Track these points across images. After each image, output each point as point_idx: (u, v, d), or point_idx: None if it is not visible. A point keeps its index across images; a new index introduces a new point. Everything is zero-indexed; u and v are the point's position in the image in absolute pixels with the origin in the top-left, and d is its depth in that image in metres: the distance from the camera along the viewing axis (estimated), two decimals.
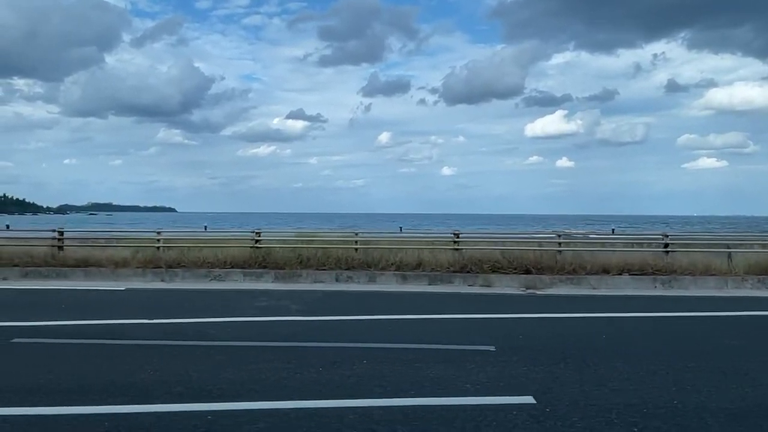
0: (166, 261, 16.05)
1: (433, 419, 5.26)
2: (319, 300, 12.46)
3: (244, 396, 5.86)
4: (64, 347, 7.94)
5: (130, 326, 9.47)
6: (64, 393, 5.93)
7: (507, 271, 15.34)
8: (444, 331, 9.57)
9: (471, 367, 7.06)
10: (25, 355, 7.49)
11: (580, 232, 35.73)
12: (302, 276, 15.52)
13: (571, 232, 32.76)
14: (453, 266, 15.54)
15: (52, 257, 16.44)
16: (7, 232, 21.01)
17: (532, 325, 10.09)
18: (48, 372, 6.66)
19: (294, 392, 6.00)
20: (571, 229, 49.04)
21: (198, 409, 5.45)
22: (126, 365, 7.01)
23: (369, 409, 5.50)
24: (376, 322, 10.17)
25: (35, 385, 6.15)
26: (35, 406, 5.50)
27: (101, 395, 5.85)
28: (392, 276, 15.39)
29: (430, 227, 63.59)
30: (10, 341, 8.16)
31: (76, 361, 7.19)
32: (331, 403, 5.67)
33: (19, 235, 19.93)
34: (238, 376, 6.56)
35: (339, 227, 52.49)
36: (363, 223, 79.20)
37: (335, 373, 6.74)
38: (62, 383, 6.25)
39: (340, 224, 76.54)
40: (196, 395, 5.88)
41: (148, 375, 6.59)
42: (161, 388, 6.09)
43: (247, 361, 7.24)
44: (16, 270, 15.96)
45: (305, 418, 5.25)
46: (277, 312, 10.89)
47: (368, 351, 7.79)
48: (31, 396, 5.81)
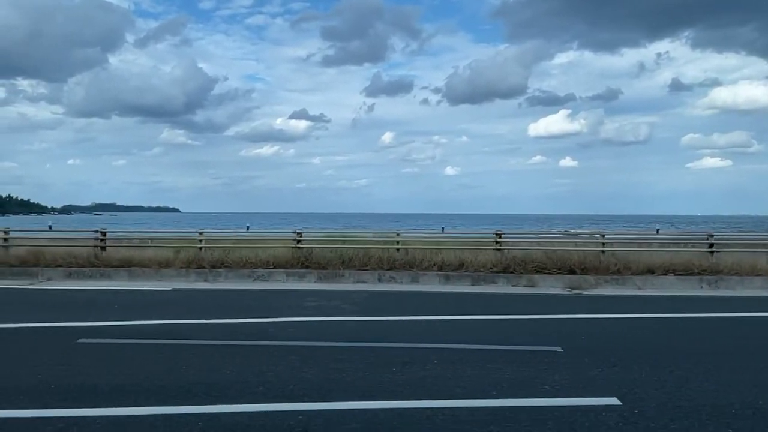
0: (209, 261, 16.12)
1: (524, 420, 5.23)
2: (368, 300, 12.45)
3: (327, 396, 5.86)
4: (133, 347, 7.99)
5: (191, 326, 9.52)
6: (148, 393, 5.96)
7: (551, 271, 15.27)
8: (503, 331, 9.53)
9: (543, 368, 7.02)
10: (96, 356, 7.52)
11: (586, 231, 35.59)
12: (345, 276, 15.53)
13: (577, 231, 32.72)
14: (496, 266, 15.49)
15: (95, 257, 16.56)
16: (49, 232, 21.18)
17: (590, 326, 10.03)
18: (126, 372, 6.70)
19: (375, 392, 5.99)
20: (577, 229, 49.04)
21: (287, 409, 5.46)
22: (201, 365, 7.04)
23: (455, 409, 5.48)
24: (432, 323, 10.15)
25: (117, 386, 6.19)
26: (124, 406, 5.53)
27: (186, 395, 5.87)
28: (435, 276, 15.37)
29: (469, 228, 63.15)
30: (76, 342, 8.20)
31: (149, 362, 7.21)
32: (416, 403, 5.65)
33: (60, 235, 20.13)
34: (316, 376, 6.56)
35: (343, 227, 52.61)
36: (367, 223, 79.41)
37: (410, 374, 6.73)
38: (143, 383, 6.28)
39: (344, 224, 76.68)
40: (280, 395, 5.89)
41: (227, 375, 6.61)
42: (243, 388, 6.11)
43: (320, 361, 7.24)
44: (60, 270, 16.10)
45: (396, 419, 5.25)
46: (331, 312, 10.89)
47: (436, 351, 7.77)
48: (117, 396, 5.85)
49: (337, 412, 5.41)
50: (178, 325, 9.58)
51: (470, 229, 39.96)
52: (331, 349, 7.92)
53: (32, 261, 16.36)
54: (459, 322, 10.30)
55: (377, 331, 9.30)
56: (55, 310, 11.11)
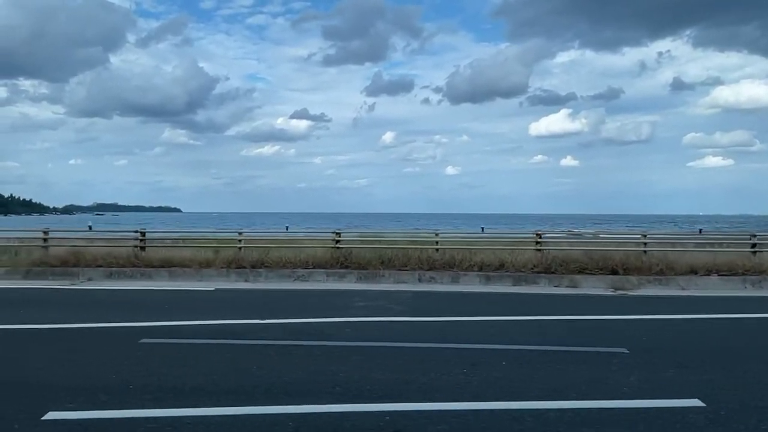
0: (249, 261, 16.16)
1: (614, 423, 5.20)
2: (414, 300, 12.43)
3: (404, 397, 5.85)
4: (196, 347, 8.01)
5: (247, 326, 9.54)
6: (228, 393, 5.97)
7: (593, 271, 15.19)
8: (561, 333, 9.47)
9: (615, 369, 6.98)
10: (164, 356, 7.53)
11: (590, 231, 35.42)
12: (384, 276, 15.52)
13: (581, 231, 32.54)
14: (537, 267, 15.42)
15: (135, 257, 16.64)
16: (87, 232, 21.31)
17: (648, 327, 9.94)
18: (201, 372, 6.72)
19: (453, 393, 5.98)
20: (580, 229, 48.87)
21: (370, 409, 5.46)
22: (271, 365, 7.05)
23: (540, 411, 5.45)
24: (487, 323, 10.12)
25: (196, 386, 6.21)
26: (207, 406, 5.54)
27: (266, 395, 5.89)
28: (475, 277, 15.33)
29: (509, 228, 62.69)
30: (139, 342, 8.24)
31: (219, 362, 7.22)
32: (498, 404, 5.63)
33: (99, 235, 20.26)
34: (387, 377, 6.55)
35: (347, 226, 52.53)
36: (369, 222, 79.38)
37: (482, 375, 6.71)
38: (220, 383, 6.30)
39: (347, 224, 76.61)
40: (357, 395, 5.89)
41: (300, 375, 6.62)
42: (319, 388, 6.11)
43: (386, 361, 7.25)
44: (101, 270, 16.21)
45: (483, 420, 5.22)
46: (381, 312, 10.88)
47: (501, 352, 7.76)
48: (199, 396, 5.87)
49: (421, 413, 5.39)
50: (234, 325, 9.60)
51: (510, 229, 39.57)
52: (394, 350, 7.91)
53: (72, 261, 16.48)
54: (513, 323, 10.26)
55: (433, 332, 9.28)
56: (108, 310, 11.16)
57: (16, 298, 12.76)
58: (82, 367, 6.95)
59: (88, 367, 6.96)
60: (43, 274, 16.09)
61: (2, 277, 16.12)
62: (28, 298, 12.77)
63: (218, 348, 7.98)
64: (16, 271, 16.28)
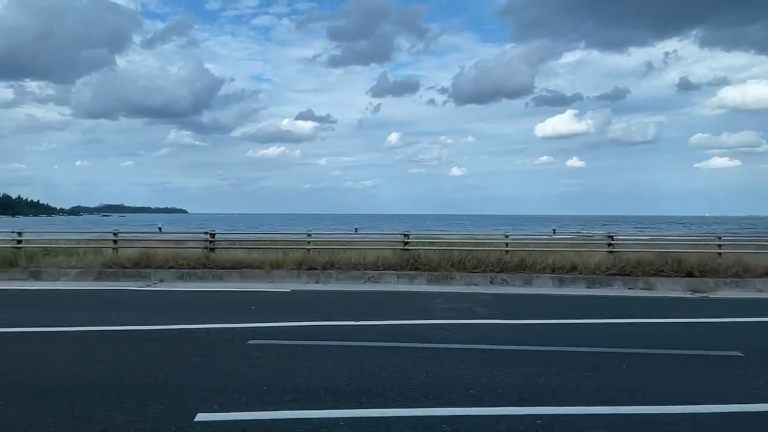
0: (320, 263, 16.21)
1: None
2: (495, 303, 12.37)
3: (542, 400, 5.84)
4: (307, 349, 8.03)
5: (344, 327, 9.57)
6: (360, 394, 5.99)
7: (668, 273, 15.00)
8: (663, 335, 9.39)
9: (740, 373, 6.92)
10: (280, 357, 7.55)
11: (598, 233, 35.01)
12: (455, 278, 15.49)
13: (592, 233, 32.19)
14: (610, 269, 15.26)
15: (206, 259, 16.78)
16: (157, 234, 21.57)
17: (750, 330, 9.80)
18: (326, 374, 6.76)
19: (592, 397, 5.95)
20: (589, 230, 48.34)
21: (514, 413, 5.44)
22: (390, 367, 7.05)
23: (696, 416, 5.39)
24: (582, 326, 10.01)
25: (331, 388, 6.24)
26: (349, 408, 5.57)
27: (402, 397, 5.91)
28: (549, 279, 15.23)
29: (581, 229, 62.11)
30: (247, 343, 8.29)
31: (336, 363, 7.24)
32: (645, 409, 5.59)
33: (167, 237, 20.50)
34: (514, 380, 6.52)
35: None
36: (376, 224, 79.09)
37: (609, 378, 6.68)
38: (351, 385, 6.32)
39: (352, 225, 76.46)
40: (493, 398, 5.89)
41: (425, 377, 6.62)
42: (453, 390, 6.12)
43: (504, 364, 7.24)
44: (172, 272, 16.36)
45: (634, 424, 5.17)
46: (468, 314, 10.86)
47: (616, 356, 7.73)
48: (337, 398, 5.90)
49: (569, 417, 5.36)
50: (331, 327, 9.63)
51: (586, 231, 39.27)
52: (504, 353, 7.89)
53: (144, 263, 16.66)
54: (609, 325, 10.17)
55: (533, 335, 9.21)
56: (199, 311, 11.25)
57: (101, 300, 12.91)
58: (207, 368, 7.00)
59: (212, 368, 7.00)
60: (114, 276, 16.28)
61: (74, 278, 16.35)
62: (112, 300, 12.90)
63: (328, 349, 7.99)
64: (89, 273, 16.49)
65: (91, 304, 12.41)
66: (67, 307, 11.86)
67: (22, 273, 16.63)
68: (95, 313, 10.89)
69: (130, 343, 8.32)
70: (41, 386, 6.17)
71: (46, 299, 13.07)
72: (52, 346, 8.17)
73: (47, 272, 16.61)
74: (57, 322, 9.70)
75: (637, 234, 26.79)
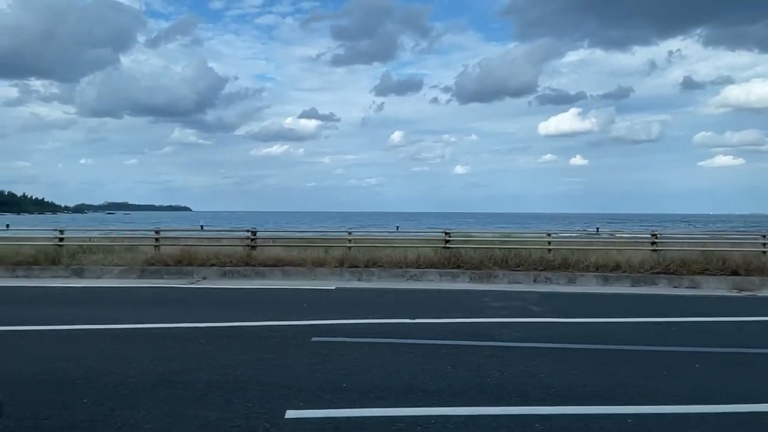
0: (363, 260, 16.24)
1: None
2: (544, 301, 12.31)
3: (627, 399, 5.83)
4: (373, 346, 8.04)
5: (401, 325, 9.59)
6: (441, 393, 6.00)
7: (713, 272, 14.89)
8: (723, 334, 9.33)
9: None
10: (347, 354, 7.58)
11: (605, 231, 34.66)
12: (498, 277, 15.46)
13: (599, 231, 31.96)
14: (655, 267, 15.17)
15: (248, 257, 16.86)
16: (202, 232, 21.72)
17: None
18: (401, 372, 6.77)
19: (674, 396, 5.93)
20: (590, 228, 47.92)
21: (605, 412, 5.42)
22: (462, 365, 7.06)
23: None
24: (639, 325, 9.99)
25: (407, 385, 6.27)
26: (436, 406, 5.60)
27: (482, 395, 5.93)
28: (593, 277, 15.17)
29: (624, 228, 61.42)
30: (311, 340, 8.32)
31: (408, 361, 7.26)
32: (739, 408, 5.55)
33: (208, 235, 20.63)
34: (592, 380, 6.52)
35: (358, 226, 52.23)
36: (381, 222, 78.87)
37: (687, 377, 6.68)
38: (430, 383, 6.35)
39: (358, 223, 76.22)
40: (577, 398, 5.87)
41: (500, 375, 6.63)
42: (532, 389, 6.12)
43: (575, 363, 7.26)
44: (214, 269, 16.45)
45: (739, 425, 5.13)
46: (521, 313, 10.85)
47: (684, 355, 7.74)
48: (417, 396, 5.93)
49: (660, 416, 5.37)
50: (389, 324, 9.65)
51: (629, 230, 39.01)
52: (571, 351, 7.89)
53: (186, 260, 16.75)
54: (666, 323, 10.09)
55: (592, 333, 9.20)
56: (252, 308, 11.34)
57: (151, 297, 13.01)
58: (281, 366, 7.04)
59: (286, 366, 7.04)
60: (157, 273, 16.39)
61: (117, 276, 16.48)
62: (162, 297, 13.03)
63: (395, 347, 8.01)
64: (131, 270, 16.61)
65: (142, 301, 12.51)
66: (118, 305, 11.96)
67: (65, 270, 16.78)
68: (148, 311, 10.96)
69: (194, 340, 8.36)
70: (122, 384, 6.21)
71: (95, 297, 13.18)
72: (119, 344, 8.22)
73: (90, 270, 16.75)
74: (115, 320, 9.76)
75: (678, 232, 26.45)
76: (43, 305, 11.85)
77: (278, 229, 25.60)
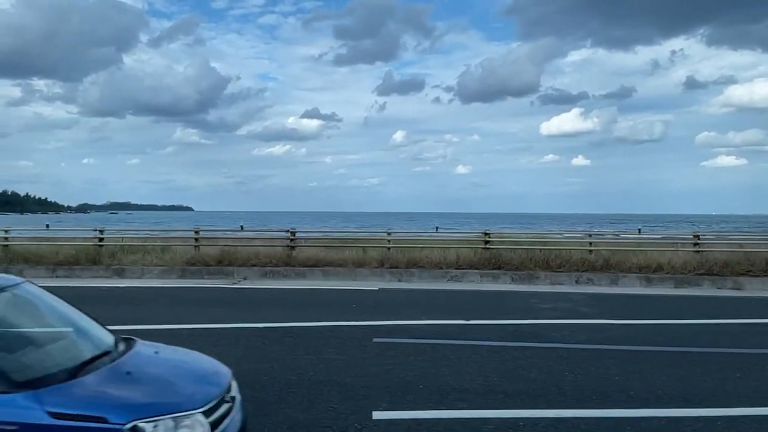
0: (403, 261, 16.27)
1: None
2: (592, 302, 12.26)
3: (708, 401, 5.83)
4: (435, 348, 8.08)
5: (458, 326, 9.62)
6: (522, 395, 6.03)
7: (756, 273, 14.80)
8: None
9: None
10: (412, 356, 7.62)
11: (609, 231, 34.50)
12: (540, 278, 15.43)
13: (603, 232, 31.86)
14: (698, 269, 15.08)
15: (288, 257, 16.93)
16: (238, 232, 21.86)
17: None
18: (472, 373, 6.80)
19: (753, 399, 5.91)
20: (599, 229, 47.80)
21: (688, 414, 5.46)
22: (537, 367, 7.07)
23: None
24: (699, 327, 9.93)
25: (487, 386, 6.31)
26: (526, 408, 5.63)
27: (567, 398, 5.95)
28: (635, 279, 15.10)
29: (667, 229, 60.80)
30: (373, 341, 8.36)
31: (477, 362, 7.29)
32: None
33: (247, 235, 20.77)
34: (668, 382, 6.54)
35: (362, 226, 52.19)
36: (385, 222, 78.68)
37: (765, 380, 6.63)
38: (505, 384, 6.39)
39: (360, 223, 76.05)
40: (659, 400, 5.88)
41: (576, 378, 6.64)
42: (613, 392, 6.16)
43: (643, 364, 7.26)
44: (255, 270, 16.52)
45: None
46: (572, 314, 10.86)
47: (753, 357, 7.73)
48: (498, 397, 5.96)
49: (748, 418, 5.38)
50: (446, 325, 9.68)
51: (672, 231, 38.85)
52: (636, 353, 7.89)
53: (226, 260, 16.84)
54: (724, 325, 10.04)
55: (651, 335, 9.17)
56: (301, 308, 11.37)
57: (198, 297, 13.10)
58: (352, 366, 7.09)
59: (357, 367, 7.09)
60: (198, 273, 16.48)
61: (157, 276, 16.57)
62: (209, 297, 13.12)
63: (458, 349, 8.03)
64: (172, 270, 16.72)
65: (189, 301, 12.59)
66: (166, 305, 12.06)
67: (105, 270, 16.90)
68: (199, 311, 11.05)
69: (256, 341, 8.43)
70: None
71: (139, 297, 13.25)
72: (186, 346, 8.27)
73: (130, 270, 16.86)
74: (170, 320, 9.81)
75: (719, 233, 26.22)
76: (104, 304, 11.94)
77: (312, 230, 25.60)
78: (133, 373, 3.57)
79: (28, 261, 17.40)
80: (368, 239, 19.03)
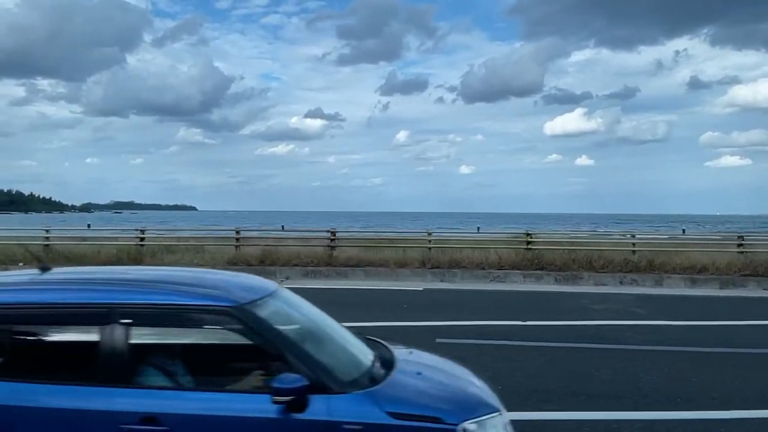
0: (445, 261, 16.31)
1: None
2: (644, 303, 12.22)
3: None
4: (503, 348, 8.15)
5: (518, 327, 9.68)
6: (610, 398, 6.05)
7: None
8: None
9: None
10: (486, 357, 7.64)
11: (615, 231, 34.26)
12: (583, 278, 15.40)
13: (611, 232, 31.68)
14: (743, 270, 15.00)
15: (329, 257, 17.02)
16: (278, 232, 22.00)
17: None
18: (549, 375, 6.84)
19: None
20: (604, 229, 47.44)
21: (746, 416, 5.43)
22: (608, 369, 7.11)
23: None
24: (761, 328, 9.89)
25: (569, 388, 6.33)
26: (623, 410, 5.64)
27: (652, 400, 5.97)
28: (680, 279, 15.04)
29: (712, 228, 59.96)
30: (436, 341, 8.40)
31: (543, 363, 7.36)
32: None
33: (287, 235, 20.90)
34: (752, 385, 6.53)
35: (364, 226, 52.03)
36: (389, 222, 78.52)
37: None
38: (587, 386, 6.44)
39: (366, 223, 75.74)
40: (744, 402, 5.89)
41: (653, 380, 6.64)
42: (697, 394, 6.19)
43: (719, 366, 7.29)
44: (297, 270, 16.62)
45: None
46: (629, 315, 10.87)
47: None
48: (588, 400, 5.98)
49: None
50: (505, 326, 9.71)
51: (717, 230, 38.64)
52: (708, 355, 7.92)
53: (268, 260, 16.95)
54: None
55: (713, 336, 9.16)
56: (354, 309, 11.27)
57: None
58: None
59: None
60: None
61: None
62: None
63: (521, 350, 8.09)
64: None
65: None
66: None
67: None
68: None
69: None
70: None
71: None
72: None
73: None
74: None
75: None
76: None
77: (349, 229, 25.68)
78: (422, 374, 3.63)
79: (69, 260, 17.58)
80: (407, 239, 19.07)
